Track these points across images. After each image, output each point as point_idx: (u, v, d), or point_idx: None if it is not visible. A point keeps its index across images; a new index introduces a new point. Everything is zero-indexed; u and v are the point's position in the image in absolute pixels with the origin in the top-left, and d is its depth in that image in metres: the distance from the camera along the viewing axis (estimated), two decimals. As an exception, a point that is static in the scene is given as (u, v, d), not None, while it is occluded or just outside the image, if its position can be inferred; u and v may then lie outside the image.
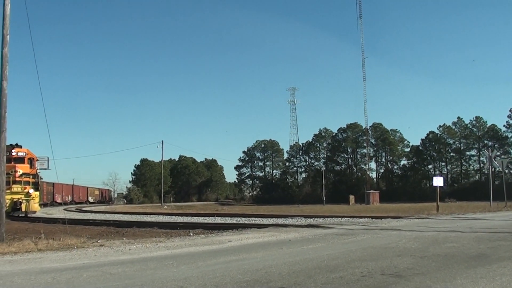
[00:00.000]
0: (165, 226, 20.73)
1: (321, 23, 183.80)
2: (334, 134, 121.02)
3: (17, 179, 30.28)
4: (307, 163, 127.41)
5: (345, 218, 23.89)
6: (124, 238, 14.01)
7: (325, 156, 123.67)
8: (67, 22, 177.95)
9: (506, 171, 33.98)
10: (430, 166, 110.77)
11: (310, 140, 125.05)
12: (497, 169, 44.08)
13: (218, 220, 27.00)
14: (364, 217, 23.81)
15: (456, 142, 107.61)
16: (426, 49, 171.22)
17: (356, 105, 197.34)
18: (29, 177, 31.39)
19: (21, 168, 30.71)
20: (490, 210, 28.48)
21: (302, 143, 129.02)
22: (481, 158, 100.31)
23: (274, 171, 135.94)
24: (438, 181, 31.49)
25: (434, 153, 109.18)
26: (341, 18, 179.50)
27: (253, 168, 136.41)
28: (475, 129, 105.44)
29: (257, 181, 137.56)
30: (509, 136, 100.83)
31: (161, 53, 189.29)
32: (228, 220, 26.33)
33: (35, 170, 32.25)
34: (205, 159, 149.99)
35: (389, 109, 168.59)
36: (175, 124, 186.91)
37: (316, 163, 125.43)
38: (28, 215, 30.09)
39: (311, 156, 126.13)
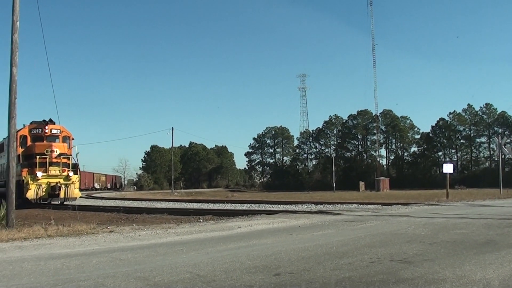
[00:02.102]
0: (175, 212, 20.77)
1: (330, 8, 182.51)
2: (344, 121, 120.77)
3: (54, 160, 26.28)
4: (317, 150, 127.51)
5: (355, 204, 23.90)
6: (134, 224, 14.10)
7: (335, 143, 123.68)
8: (79, 5, 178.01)
9: (517, 158, 33.76)
10: (440, 153, 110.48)
11: (320, 126, 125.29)
12: (507, 156, 43.85)
13: (228, 206, 27.11)
14: (374, 203, 23.81)
15: (466, 129, 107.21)
16: (437, 33, 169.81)
17: (366, 91, 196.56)
18: (67, 158, 27.28)
19: (58, 148, 26.75)
20: (500, 197, 28.39)
21: (312, 130, 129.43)
22: (491, 145, 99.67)
23: (284, 158, 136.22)
24: (448, 168, 31.36)
25: (444, 140, 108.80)
26: (351, 2, 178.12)
27: (263, 154, 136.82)
28: (485, 116, 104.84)
29: (267, 168, 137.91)
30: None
31: (171, 39, 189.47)
32: (238, 207, 26.43)
33: (71, 150, 28.48)
34: (216, 145, 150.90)
35: (399, 95, 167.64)
36: (185, 111, 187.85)
37: (326, 150, 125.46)
38: (66, 202, 25.92)
39: (321, 142, 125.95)
